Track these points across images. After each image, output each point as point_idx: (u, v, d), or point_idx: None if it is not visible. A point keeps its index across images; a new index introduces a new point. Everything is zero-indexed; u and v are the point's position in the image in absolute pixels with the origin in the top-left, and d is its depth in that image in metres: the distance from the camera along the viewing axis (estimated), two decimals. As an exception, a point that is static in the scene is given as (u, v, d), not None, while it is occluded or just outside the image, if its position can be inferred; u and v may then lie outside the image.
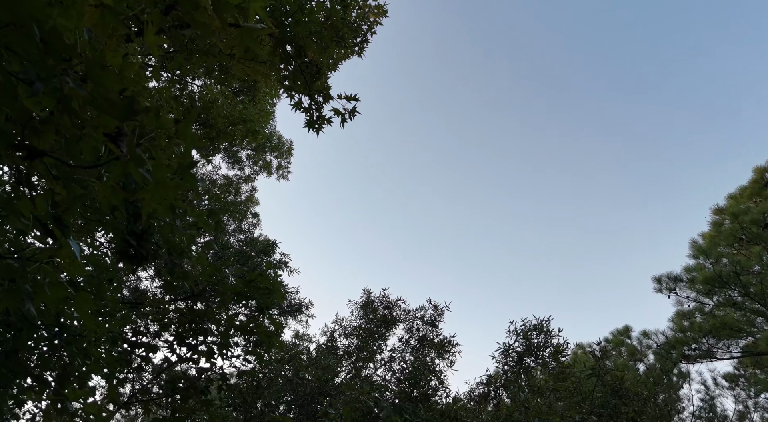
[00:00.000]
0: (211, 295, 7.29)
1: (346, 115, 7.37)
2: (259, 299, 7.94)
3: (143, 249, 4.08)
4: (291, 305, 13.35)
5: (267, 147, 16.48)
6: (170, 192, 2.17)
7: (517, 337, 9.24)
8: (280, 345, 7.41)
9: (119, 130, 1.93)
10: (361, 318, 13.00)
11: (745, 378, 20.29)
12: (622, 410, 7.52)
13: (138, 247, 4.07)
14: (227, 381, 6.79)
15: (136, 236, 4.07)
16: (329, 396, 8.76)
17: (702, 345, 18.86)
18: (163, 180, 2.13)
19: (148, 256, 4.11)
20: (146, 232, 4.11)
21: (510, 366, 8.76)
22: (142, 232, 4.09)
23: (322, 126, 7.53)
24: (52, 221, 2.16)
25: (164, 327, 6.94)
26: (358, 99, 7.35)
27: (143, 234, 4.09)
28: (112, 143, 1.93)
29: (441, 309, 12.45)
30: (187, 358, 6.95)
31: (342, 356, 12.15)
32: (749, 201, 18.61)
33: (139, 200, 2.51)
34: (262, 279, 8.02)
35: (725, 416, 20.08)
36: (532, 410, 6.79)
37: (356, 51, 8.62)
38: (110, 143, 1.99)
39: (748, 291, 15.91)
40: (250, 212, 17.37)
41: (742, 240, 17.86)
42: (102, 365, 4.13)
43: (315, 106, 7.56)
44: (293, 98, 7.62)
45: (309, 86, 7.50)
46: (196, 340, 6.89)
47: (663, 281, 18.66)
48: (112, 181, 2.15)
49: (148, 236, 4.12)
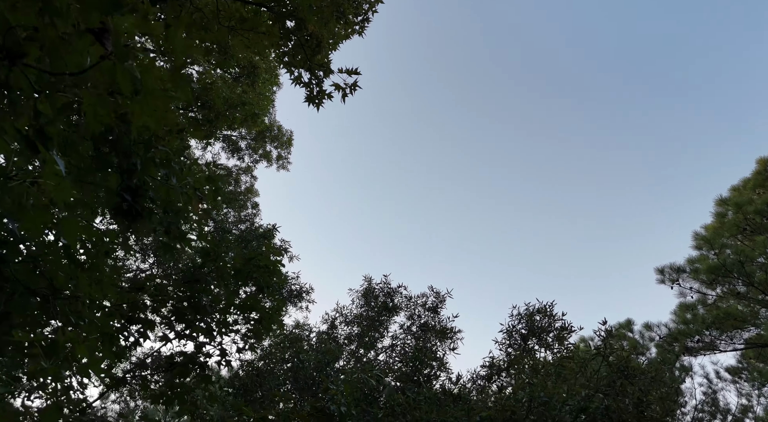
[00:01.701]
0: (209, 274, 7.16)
1: (347, 90, 7.25)
2: (258, 278, 7.82)
3: (138, 205, 3.96)
4: (291, 291, 13.23)
5: (267, 137, 16.37)
6: (161, 102, 2.04)
7: (521, 319, 9.11)
8: (280, 325, 7.28)
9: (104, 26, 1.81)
10: (362, 306, 12.88)
11: (748, 371, 20.14)
12: (628, 390, 7.39)
13: (132, 203, 3.95)
14: (226, 356, 6.65)
15: (131, 191, 3.95)
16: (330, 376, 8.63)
17: (705, 337, 18.72)
18: (153, 88, 2.00)
19: (143, 213, 3.99)
20: (141, 188, 4.00)
21: (513, 348, 8.63)
22: (137, 188, 3.97)
23: (322, 101, 7.40)
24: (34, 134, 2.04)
25: (162, 303, 6.82)
26: (359, 73, 7.23)
27: (138, 189, 3.97)
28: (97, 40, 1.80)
29: (443, 296, 12.34)
30: (186, 335, 6.84)
31: (343, 343, 12.03)
32: (752, 192, 18.49)
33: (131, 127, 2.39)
34: (261, 257, 7.90)
35: (728, 409, 19.92)
36: (537, 385, 6.66)
37: (357, 30, 8.49)
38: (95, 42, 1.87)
39: (752, 281, 15.78)
40: (250, 202, 17.26)
41: (746, 231, 17.74)
42: (97, 326, 4.00)
43: (315, 81, 7.44)
44: (293, 73, 7.50)
45: (309, 60, 7.39)
46: (194, 317, 6.77)
47: (666, 272, 18.53)
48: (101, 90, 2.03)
49: (143, 192, 4.00)
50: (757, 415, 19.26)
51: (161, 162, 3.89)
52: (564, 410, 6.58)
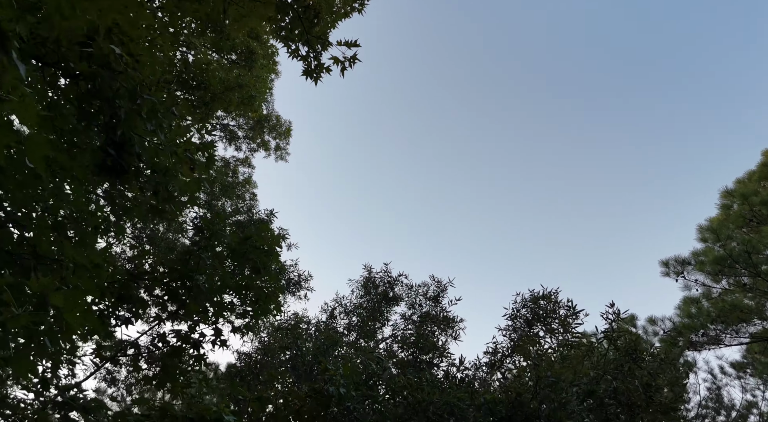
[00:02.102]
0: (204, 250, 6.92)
1: (346, 64, 7.02)
2: (255, 259, 7.58)
3: (123, 161, 3.72)
4: (289, 280, 12.99)
5: (265, 126, 16.15)
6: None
7: (525, 304, 8.88)
8: (277, 306, 7.05)
9: None
10: (361, 296, 12.65)
11: (753, 366, 19.89)
12: (637, 373, 7.16)
13: (117, 158, 3.71)
14: (221, 335, 6.42)
15: (115, 146, 3.71)
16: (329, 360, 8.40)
17: (709, 330, 18.48)
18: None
19: (129, 169, 3.75)
20: (126, 143, 3.76)
21: (518, 332, 8.39)
22: (122, 143, 3.74)
23: (320, 74, 7.17)
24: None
25: (156, 282, 6.59)
26: (358, 45, 6.98)
27: (123, 144, 3.74)
28: None
29: (444, 285, 12.11)
30: (179, 315, 6.61)
31: (342, 333, 11.80)
32: (758, 185, 18.27)
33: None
34: (258, 238, 7.67)
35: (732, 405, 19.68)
36: (543, 368, 6.43)
37: (357, 8, 8.25)
38: None
39: (758, 272, 15.53)
40: (248, 194, 17.04)
41: (752, 222, 17.51)
42: (82, 291, 3.76)
43: (313, 54, 7.22)
44: (290, 47, 7.27)
45: (307, 32, 7.16)
46: (189, 295, 6.55)
47: (670, 265, 18.30)
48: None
49: (129, 148, 3.76)
50: (762, 411, 19.00)
51: (147, 114, 3.66)
52: (571, 392, 6.35)
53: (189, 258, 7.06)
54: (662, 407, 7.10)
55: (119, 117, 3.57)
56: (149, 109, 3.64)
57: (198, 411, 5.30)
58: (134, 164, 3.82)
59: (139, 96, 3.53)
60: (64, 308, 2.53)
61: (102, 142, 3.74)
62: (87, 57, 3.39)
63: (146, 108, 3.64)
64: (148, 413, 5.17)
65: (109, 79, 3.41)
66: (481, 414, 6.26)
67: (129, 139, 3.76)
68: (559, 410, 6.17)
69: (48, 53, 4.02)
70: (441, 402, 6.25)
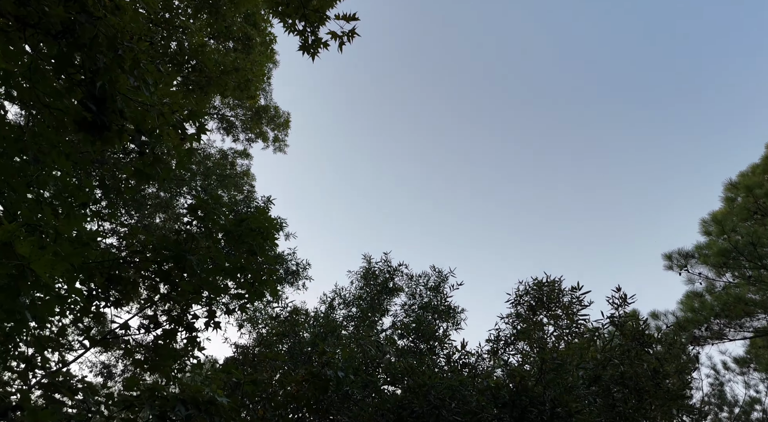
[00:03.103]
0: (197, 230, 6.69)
1: (344, 38, 6.81)
2: (251, 242, 7.36)
3: (104, 117, 3.49)
4: (287, 270, 12.75)
5: (263, 117, 15.93)
6: None
7: (528, 291, 8.65)
8: (273, 289, 6.82)
9: None
10: (361, 287, 12.42)
11: (756, 362, 19.68)
12: (644, 357, 6.93)
13: (98, 114, 3.48)
14: (215, 317, 6.19)
15: (96, 100, 3.48)
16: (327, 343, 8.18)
17: (713, 325, 18.26)
18: None
19: (111, 126, 3.53)
20: (108, 99, 3.53)
21: (521, 318, 8.16)
22: (103, 98, 3.51)
23: (317, 50, 6.95)
24: None
25: (147, 262, 6.37)
26: (357, 18, 6.76)
27: (104, 100, 3.51)
28: None
29: (445, 275, 11.88)
30: (172, 296, 6.39)
31: (341, 323, 11.57)
32: (761, 177, 18.06)
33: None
34: (254, 220, 7.44)
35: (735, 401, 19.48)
36: (548, 351, 6.21)
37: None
38: None
39: (764, 264, 15.30)
40: (246, 186, 16.84)
41: (756, 215, 17.29)
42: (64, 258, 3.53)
43: (310, 29, 7.01)
44: (286, 23, 7.06)
45: (304, 6, 6.95)
46: (181, 277, 6.32)
47: (674, 258, 18.09)
48: None
49: (110, 103, 3.53)
50: (765, 407, 18.78)
51: (129, 66, 3.43)
52: (577, 376, 6.13)
53: (182, 239, 6.84)
54: (670, 394, 6.88)
55: (99, 68, 3.35)
56: (131, 60, 3.42)
57: (190, 393, 5.08)
58: (117, 122, 3.59)
59: (119, 44, 3.31)
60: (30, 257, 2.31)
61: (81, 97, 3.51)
62: (64, 1, 3.17)
63: (128, 59, 3.42)
64: (137, 393, 4.94)
65: (87, 26, 3.18)
66: (484, 398, 6.03)
67: (111, 94, 3.53)
68: (565, 394, 5.95)
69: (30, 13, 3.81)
70: (442, 386, 6.02)
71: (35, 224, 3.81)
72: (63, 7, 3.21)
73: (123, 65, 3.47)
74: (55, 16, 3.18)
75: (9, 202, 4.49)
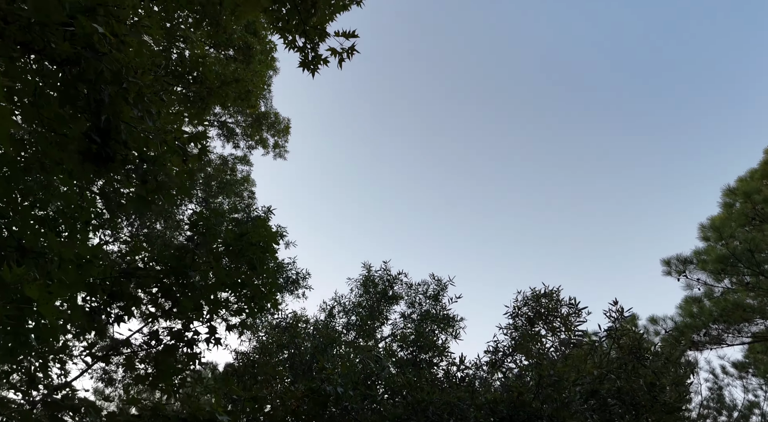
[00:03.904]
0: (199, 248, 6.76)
1: (344, 55, 6.86)
2: (251, 256, 7.42)
3: (108, 148, 3.56)
4: (287, 278, 12.81)
5: (264, 123, 15.99)
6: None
7: (526, 302, 8.72)
8: (274, 303, 6.89)
9: None
10: (360, 295, 12.48)
11: (754, 366, 19.74)
12: (641, 372, 7.00)
13: (102, 146, 3.55)
14: (215, 333, 6.26)
15: (100, 132, 3.55)
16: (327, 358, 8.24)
17: (711, 330, 18.31)
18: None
19: (115, 156, 3.59)
20: (112, 130, 3.60)
21: (519, 330, 8.23)
22: (107, 129, 3.57)
23: (317, 66, 7.01)
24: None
25: (149, 278, 6.42)
26: (356, 35, 6.82)
27: (108, 131, 3.57)
28: None
29: (444, 284, 11.95)
30: (173, 313, 6.45)
31: (341, 333, 11.63)
32: (760, 183, 18.09)
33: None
34: (254, 234, 7.51)
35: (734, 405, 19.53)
36: (545, 366, 6.27)
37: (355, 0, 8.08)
38: None
39: (762, 270, 15.36)
40: (246, 192, 16.89)
41: (755, 221, 17.33)
42: (67, 285, 3.60)
43: (310, 46, 7.06)
44: (287, 38, 7.12)
45: (304, 23, 7.00)
46: (183, 293, 6.38)
47: (672, 263, 18.14)
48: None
49: (115, 135, 3.60)
50: (764, 411, 18.84)
51: (134, 99, 3.49)
52: (574, 391, 6.20)
53: (183, 255, 6.90)
54: (667, 407, 6.94)
55: (103, 101, 3.41)
56: (135, 93, 3.48)
57: (191, 412, 5.14)
58: (121, 152, 3.65)
59: (124, 79, 3.37)
60: (38, 300, 2.38)
61: (86, 128, 3.57)
62: (70, 37, 3.23)
63: (132, 92, 3.48)
64: (140, 413, 5.01)
65: (93, 61, 3.25)
66: (482, 413, 6.10)
67: (115, 125, 3.60)
68: (562, 409, 6.01)
69: (35, 39, 3.87)
70: (441, 402, 6.09)
71: (40, 252, 3.86)
72: (69, 43, 3.27)
73: (127, 97, 3.53)
74: (61, 52, 3.24)
75: (13, 225, 4.55)
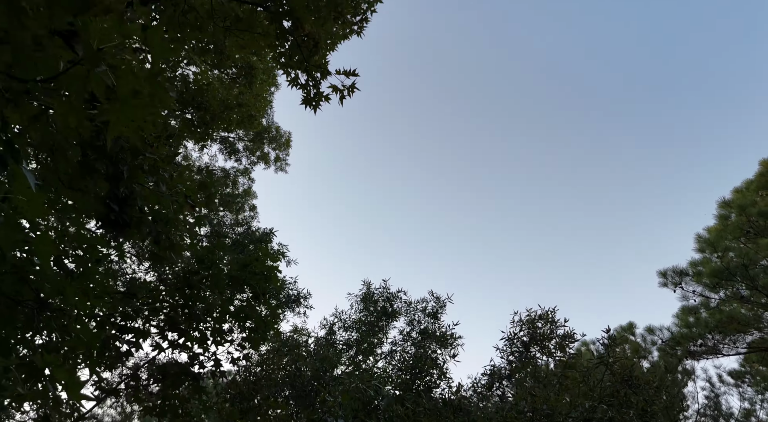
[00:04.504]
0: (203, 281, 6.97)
1: (345, 92, 7.07)
2: (254, 284, 7.64)
3: (126, 215, 3.78)
4: (289, 296, 13.05)
5: (265, 138, 16.19)
6: (139, 111, 1.86)
7: (522, 326, 8.94)
8: (276, 333, 7.11)
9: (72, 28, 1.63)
10: (360, 311, 12.70)
11: (750, 375, 19.96)
12: (632, 399, 7.22)
13: (120, 213, 3.77)
14: (221, 366, 6.47)
15: (118, 201, 3.77)
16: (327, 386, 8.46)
17: (708, 340, 18.53)
18: (129, 96, 1.81)
19: (131, 223, 3.81)
20: (129, 197, 3.82)
21: (515, 355, 8.45)
22: (125, 197, 3.79)
23: (319, 103, 7.23)
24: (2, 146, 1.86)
25: (155, 312, 6.64)
26: (357, 74, 7.04)
27: (126, 199, 3.79)
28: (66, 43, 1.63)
29: (443, 301, 12.16)
30: (179, 344, 6.66)
31: (341, 349, 11.84)
32: (755, 194, 18.29)
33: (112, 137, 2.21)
34: (257, 264, 7.72)
35: (730, 413, 19.73)
36: (539, 397, 6.49)
37: (355, 30, 8.28)
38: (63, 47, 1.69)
39: (756, 284, 15.59)
40: (248, 205, 17.08)
41: (749, 233, 17.54)
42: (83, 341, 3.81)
43: (312, 83, 7.27)
44: (289, 75, 7.33)
45: (306, 61, 7.21)
46: (188, 326, 6.60)
47: (668, 275, 18.35)
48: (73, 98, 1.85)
49: (131, 201, 3.82)
50: (760, 419, 19.06)
51: (149, 169, 3.71)
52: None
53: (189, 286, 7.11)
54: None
55: (122, 173, 3.63)
56: (151, 164, 3.70)
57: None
58: (136, 216, 3.87)
59: (141, 153, 3.59)
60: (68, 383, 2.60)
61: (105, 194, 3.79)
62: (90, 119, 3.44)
63: (148, 163, 3.70)
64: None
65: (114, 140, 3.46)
66: (478, 444, 6.32)
67: (132, 191, 3.82)
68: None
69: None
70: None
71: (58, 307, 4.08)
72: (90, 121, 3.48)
73: (143, 167, 3.75)
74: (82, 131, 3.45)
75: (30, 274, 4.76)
